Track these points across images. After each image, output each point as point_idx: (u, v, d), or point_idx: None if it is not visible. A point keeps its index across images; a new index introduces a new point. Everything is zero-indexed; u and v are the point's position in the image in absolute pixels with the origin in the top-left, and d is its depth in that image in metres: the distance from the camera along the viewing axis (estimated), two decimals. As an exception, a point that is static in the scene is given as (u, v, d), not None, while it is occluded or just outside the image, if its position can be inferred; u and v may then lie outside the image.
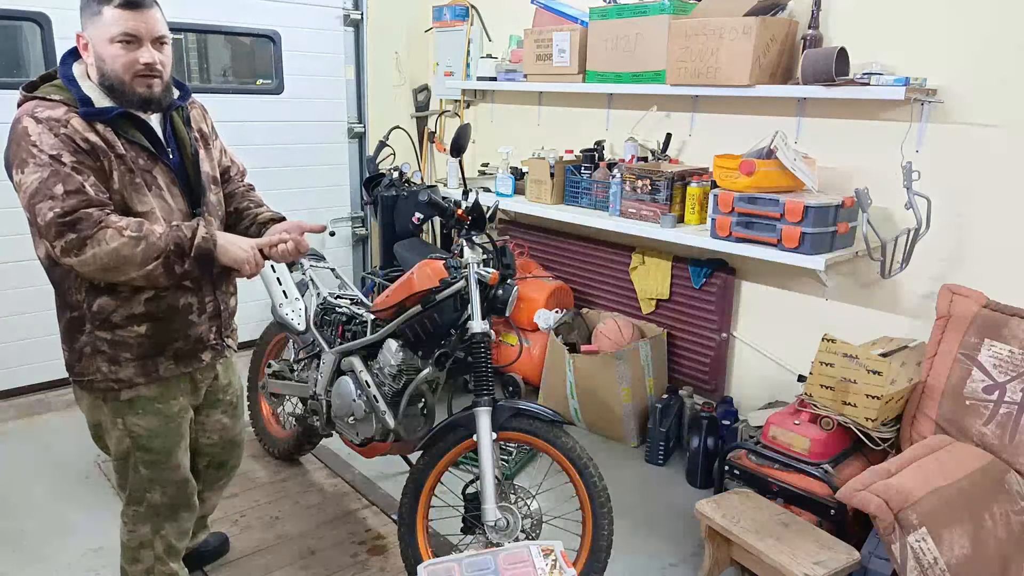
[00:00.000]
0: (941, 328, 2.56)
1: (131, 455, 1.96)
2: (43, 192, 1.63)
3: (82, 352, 1.84)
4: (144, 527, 2.05)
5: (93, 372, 1.85)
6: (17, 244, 3.68)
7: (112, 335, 1.82)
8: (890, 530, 2.00)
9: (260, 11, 4.27)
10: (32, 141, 1.65)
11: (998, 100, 2.56)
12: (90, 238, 1.64)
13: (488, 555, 1.99)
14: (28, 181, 1.65)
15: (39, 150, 1.65)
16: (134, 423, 1.92)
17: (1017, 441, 2.31)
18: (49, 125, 1.67)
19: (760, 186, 2.80)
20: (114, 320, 1.82)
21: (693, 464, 3.18)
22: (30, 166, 1.65)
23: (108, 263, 1.66)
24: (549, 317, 3.68)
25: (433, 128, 5.01)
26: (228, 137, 4.49)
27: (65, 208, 1.63)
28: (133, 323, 1.83)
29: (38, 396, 3.85)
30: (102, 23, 1.71)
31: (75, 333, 1.84)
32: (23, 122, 1.68)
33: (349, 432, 2.72)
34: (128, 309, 1.82)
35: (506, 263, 2.45)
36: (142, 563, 2.08)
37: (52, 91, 1.74)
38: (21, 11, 3.51)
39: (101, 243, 1.65)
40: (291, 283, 2.83)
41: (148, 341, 1.87)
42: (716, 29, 2.95)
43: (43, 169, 1.64)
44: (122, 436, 1.94)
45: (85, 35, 1.76)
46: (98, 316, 1.81)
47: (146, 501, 2.02)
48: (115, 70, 1.74)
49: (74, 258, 1.66)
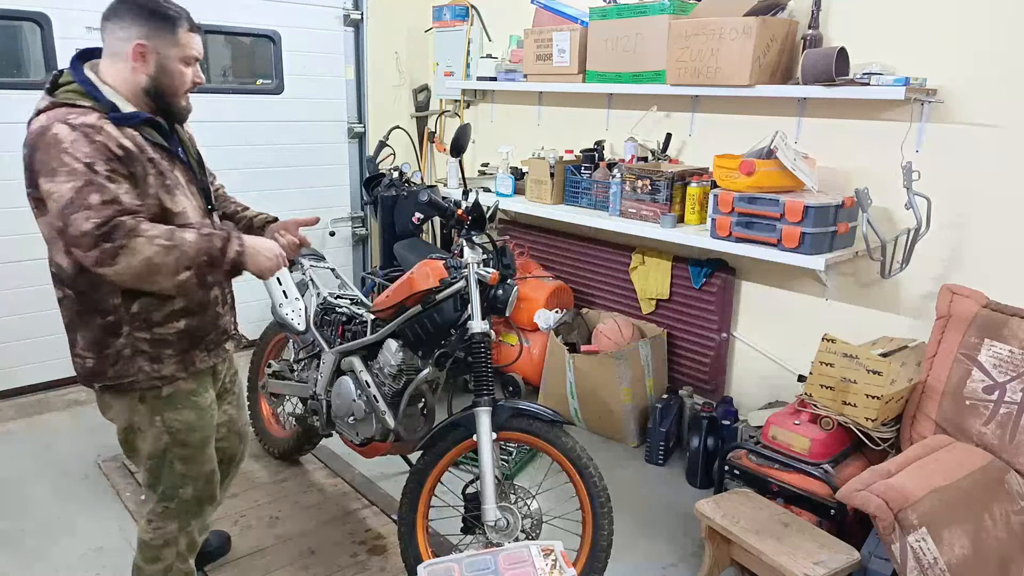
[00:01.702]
0: (941, 328, 2.56)
1: (168, 452, 1.96)
2: (78, 202, 1.62)
3: (119, 356, 1.84)
4: (172, 523, 2.05)
5: (135, 373, 1.85)
6: (17, 244, 3.68)
7: (151, 334, 1.84)
8: (890, 530, 2.00)
9: (260, 11, 4.27)
10: (65, 148, 1.63)
11: (998, 100, 2.56)
12: (123, 248, 1.64)
13: (488, 555, 1.99)
14: (61, 191, 1.62)
15: (73, 158, 1.63)
16: (173, 419, 1.93)
17: (1017, 441, 2.31)
18: (84, 132, 1.65)
19: (760, 186, 2.80)
20: (155, 319, 1.84)
21: (693, 464, 3.18)
22: (62, 175, 1.63)
23: (141, 272, 1.67)
24: (549, 317, 3.68)
25: (433, 128, 5.01)
26: (228, 137, 4.51)
27: (102, 218, 1.62)
28: (172, 319, 1.87)
29: (38, 396, 3.85)
30: (176, 43, 1.79)
31: (108, 338, 1.83)
32: (54, 129, 1.65)
33: (349, 432, 2.72)
34: (169, 306, 1.86)
35: (506, 263, 2.45)
36: (163, 561, 2.06)
37: (75, 97, 1.73)
38: (21, 11, 3.52)
39: (135, 252, 1.65)
40: (291, 283, 2.82)
41: (186, 336, 1.91)
42: (716, 29, 2.95)
43: (77, 178, 1.62)
44: (160, 433, 1.94)
45: (148, 47, 1.77)
46: (138, 317, 1.82)
47: (178, 497, 2.02)
48: (174, 85, 1.82)
49: (109, 268, 1.65)
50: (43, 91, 1.79)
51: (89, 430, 3.53)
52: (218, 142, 4.08)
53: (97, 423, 3.59)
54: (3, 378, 3.80)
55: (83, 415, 3.71)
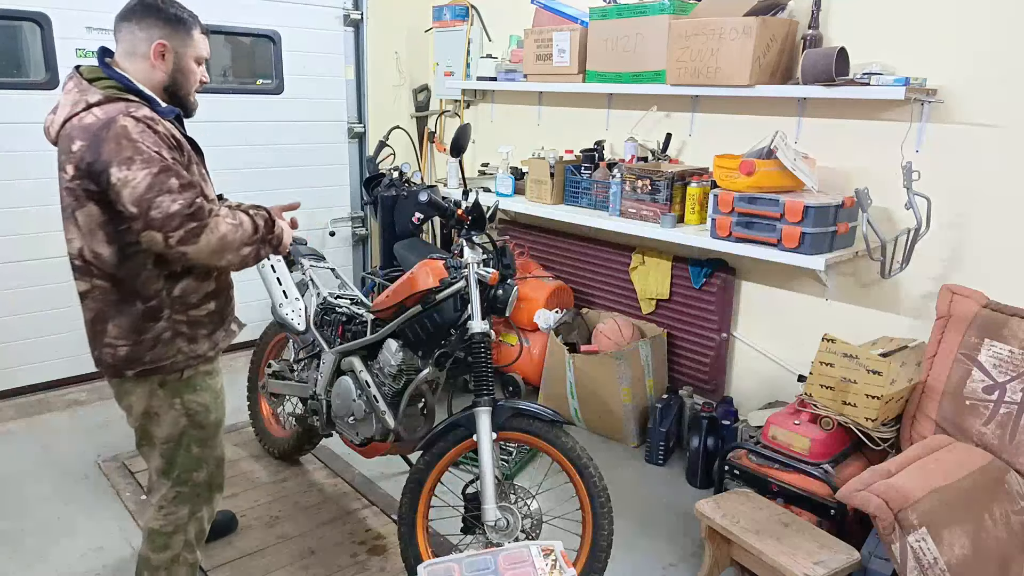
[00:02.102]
0: (941, 328, 2.56)
1: (185, 435, 2.03)
2: (159, 187, 1.71)
3: (158, 339, 1.91)
4: (184, 508, 2.09)
5: (174, 354, 1.94)
6: (17, 244, 3.68)
7: (187, 316, 1.95)
8: (890, 530, 2.00)
9: (260, 11, 4.27)
10: (135, 139, 1.73)
11: (998, 100, 2.56)
12: (206, 227, 1.76)
13: (488, 555, 1.99)
14: (138, 177, 1.71)
15: (145, 147, 1.73)
16: (191, 400, 2.01)
17: (1017, 441, 2.31)
18: (147, 123, 1.76)
19: (760, 186, 2.80)
20: (192, 301, 1.95)
21: (693, 464, 3.18)
22: (137, 163, 1.72)
23: (216, 248, 1.80)
24: (549, 317, 3.68)
25: (433, 128, 5.01)
26: (228, 137, 4.51)
27: (186, 200, 1.73)
28: (206, 301, 1.99)
29: (38, 396, 3.85)
30: (192, 43, 1.93)
31: (149, 323, 1.90)
32: (120, 120, 1.74)
33: (349, 432, 2.72)
34: (205, 287, 1.98)
35: (506, 263, 2.45)
36: (171, 550, 2.09)
37: (116, 91, 1.83)
38: (21, 11, 3.52)
39: (214, 230, 1.78)
40: (291, 283, 2.83)
41: (217, 316, 2.03)
42: (716, 29, 2.95)
43: (152, 165, 1.72)
44: (178, 416, 2.00)
45: (168, 47, 1.89)
46: (179, 300, 1.93)
47: (191, 481, 2.08)
48: (189, 82, 1.96)
49: (191, 246, 1.75)
50: (82, 84, 1.84)
51: (89, 430, 3.53)
52: (218, 142, 4.08)
53: (97, 423, 3.60)
54: (3, 378, 3.80)
55: (83, 415, 3.71)
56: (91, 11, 3.67)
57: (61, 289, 3.70)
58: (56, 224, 1.98)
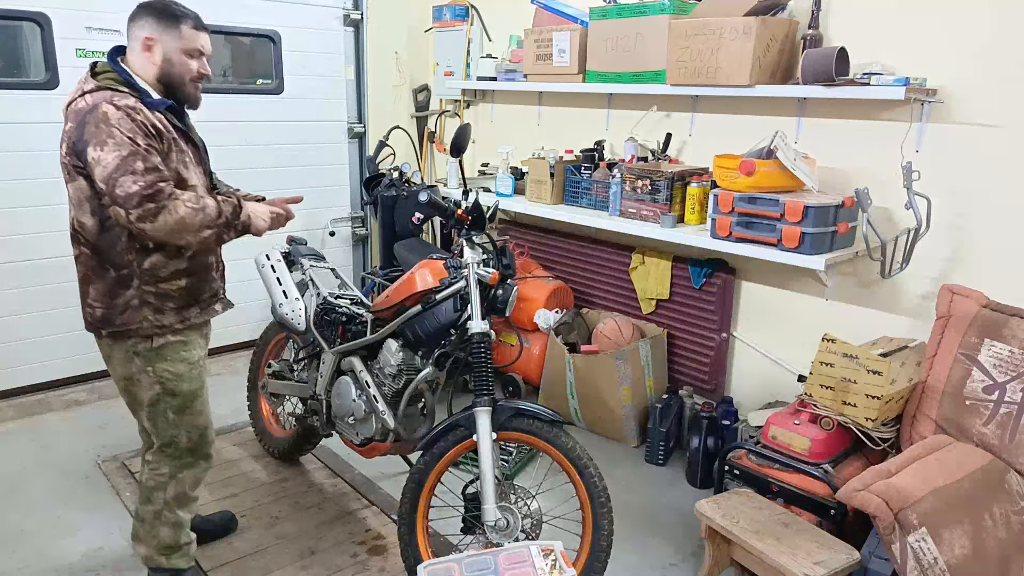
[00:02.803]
0: (941, 328, 2.56)
1: (160, 401, 2.21)
2: (124, 168, 1.91)
3: (127, 305, 2.10)
4: (165, 467, 2.30)
5: (139, 321, 2.12)
6: (17, 245, 3.68)
7: (157, 288, 2.12)
8: (890, 530, 2.00)
9: (260, 11, 4.26)
10: (112, 124, 1.92)
11: (998, 100, 2.56)
12: (164, 208, 1.94)
13: (488, 555, 1.99)
14: (108, 158, 1.91)
15: (120, 132, 1.92)
16: (163, 368, 2.18)
17: (1017, 441, 2.31)
18: (127, 112, 1.95)
19: (760, 186, 2.80)
20: (161, 275, 2.12)
21: (693, 464, 3.18)
22: (110, 145, 1.91)
23: (174, 228, 1.97)
24: (549, 317, 3.68)
25: (433, 128, 5.01)
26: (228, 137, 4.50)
27: (147, 182, 1.92)
28: (176, 277, 2.15)
29: (38, 396, 3.84)
30: (179, 37, 2.08)
31: (120, 289, 2.10)
32: (102, 107, 1.94)
33: (349, 432, 2.72)
34: (175, 265, 2.14)
35: (506, 263, 2.45)
36: (153, 504, 2.31)
37: (114, 83, 2.02)
38: (21, 11, 3.52)
39: (172, 212, 1.96)
40: (291, 283, 2.83)
41: (186, 292, 2.19)
42: (716, 29, 2.95)
43: (122, 148, 1.92)
44: (152, 383, 2.19)
45: (154, 40, 2.06)
46: (147, 273, 2.10)
47: (174, 443, 2.28)
48: (180, 74, 2.11)
49: (148, 224, 1.94)
50: (87, 76, 2.07)
51: (89, 430, 3.53)
52: (218, 142, 4.06)
53: (97, 423, 3.60)
54: (3, 378, 3.80)
55: (83, 415, 3.71)
56: (91, 11, 3.67)
57: (61, 289, 3.70)
58: (56, 225, 2.04)
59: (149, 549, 2.35)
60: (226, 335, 4.41)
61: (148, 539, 2.34)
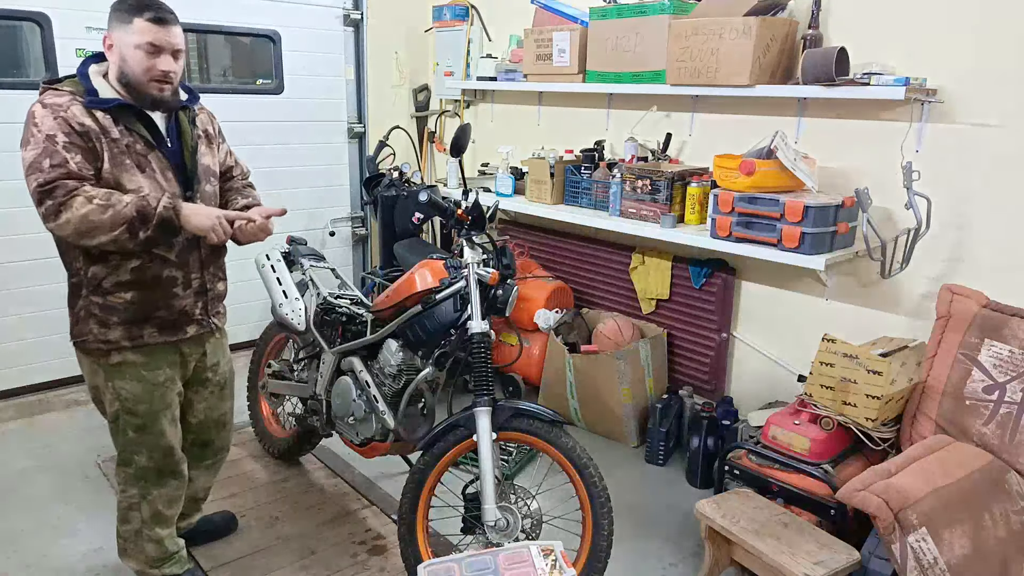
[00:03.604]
0: (941, 328, 2.56)
1: (119, 418, 2.14)
2: (35, 166, 1.86)
3: (79, 315, 2.06)
4: (133, 489, 2.23)
5: (87, 333, 2.05)
6: (17, 245, 3.68)
7: (103, 300, 2.02)
8: (890, 530, 2.00)
9: (260, 11, 4.26)
10: (35, 123, 1.89)
11: (998, 100, 2.56)
12: (63, 205, 1.84)
13: (488, 555, 1.99)
14: (27, 157, 1.88)
15: (39, 130, 1.88)
16: (121, 387, 2.11)
17: (1017, 441, 2.31)
18: (52, 110, 1.90)
19: (760, 186, 2.80)
20: (104, 286, 2.02)
21: (693, 464, 3.18)
22: (31, 144, 1.88)
23: (80, 227, 1.86)
24: (549, 317, 3.68)
25: (433, 128, 5.01)
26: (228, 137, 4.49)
27: (47, 179, 1.84)
28: (120, 289, 2.03)
29: (38, 396, 3.85)
30: (131, 31, 1.93)
31: (74, 298, 2.06)
32: (33, 107, 1.92)
33: (349, 432, 2.72)
34: (116, 276, 2.02)
35: (506, 263, 2.45)
36: (130, 524, 2.27)
37: (67, 84, 1.99)
38: (21, 11, 3.52)
39: (72, 209, 1.84)
40: (291, 283, 2.83)
41: (133, 307, 2.05)
42: (716, 29, 2.95)
43: (38, 147, 1.87)
44: (112, 399, 2.13)
45: (112, 37, 1.97)
46: (92, 282, 2.01)
47: (134, 463, 2.20)
48: (135, 72, 1.96)
49: (52, 223, 1.87)
50: (41, 83, 2.04)
51: (89, 430, 3.53)
52: (218, 142, 4.08)
53: (97, 423, 3.59)
54: (3, 378, 3.80)
55: (83, 415, 3.71)
56: (91, 11, 3.66)
57: (61, 289, 3.68)
58: None
59: (140, 564, 2.32)
60: (226, 335, 4.41)
61: (136, 554, 2.30)
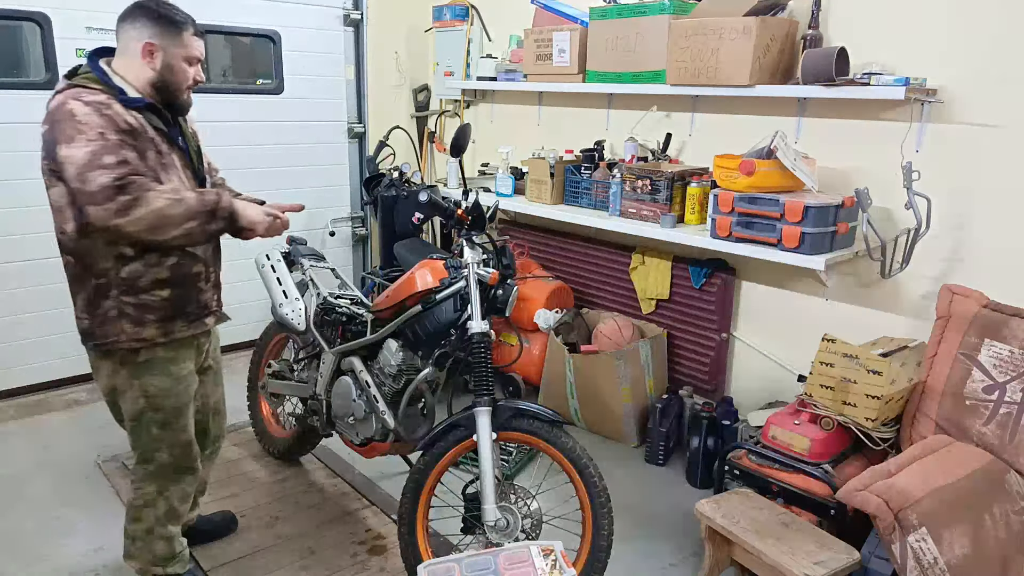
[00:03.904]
0: (941, 328, 2.56)
1: (143, 415, 2.14)
2: (94, 163, 1.83)
3: (106, 316, 2.03)
4: (151, 486, 2.24)
5: (117, 334, 2.04)
6: (17, 245, 3.68)
7: (136, 299, 2.04)
8: (890, 530, 2.00)
9: (260, 11, 4.26)
10: (80, 120, 1.86)
11: (998, 100, 2.56)
12: (138, 199, 1.86)
13: (488, 555, 1.99)
14: (78, 154, 1.83)
15: (88, 127, 1.86)
16: (149, 383, 2.11)
17: (1017, 441, 2.31)
18: (95, 107, 1.89)
19: (760, 186, 2.80)
20: (141, 284, 2.04)
21: (693, 464, 3.18)
22: (79, 141, 1.84)
23: (155, 222, 1.89)
24: (549, 317, 3.68)
25: (433, 128, 5.01)
26: (228, 137, 4.50)
27: (117, 174, 1.84)
28: (158, 287, 2.06)
29: (38, 396, 3.85)
30: (181, 43, 2.04)
31: (99, 300, 2.03)
32: (68, 104, 1.88)
33: (349, 432, 2.72)
34: (154, 274, 2.05)
35: (506, 263, 2.45)
36: (143, 522, 2.26)
37: (88, 82, 1.96)
38: (21, 11, 3.52)
39: (148, 203, 1.87)
40: (291, 283, 2.83)
41: (169, 304, 2.10)
42: (716, 29, 2.95)
43: (93, 143, 1.84)
44: (137, 397, 2.12)
45: (157, 46, 2.01)
46: (126, 282, 2.02)
47: (155, 461, 2.21)
48: (178, 80, 2.06)
49: (124, 218, 1.85)
50: (63, 79, 2.00)
51: (89, 430, 3.53)
52: (218, 142, 4.07)
53: (97, 423, 3.60)
54: (3, 378, 3.80)
55: (83, 415, 3.71)
56: (91, 11, 3.67)
57: (61, 289, 3.64)
58: None
59: (144, 563, 2.31)
60: (226, 335, 4.35)
61: (142, 555, 2.30)
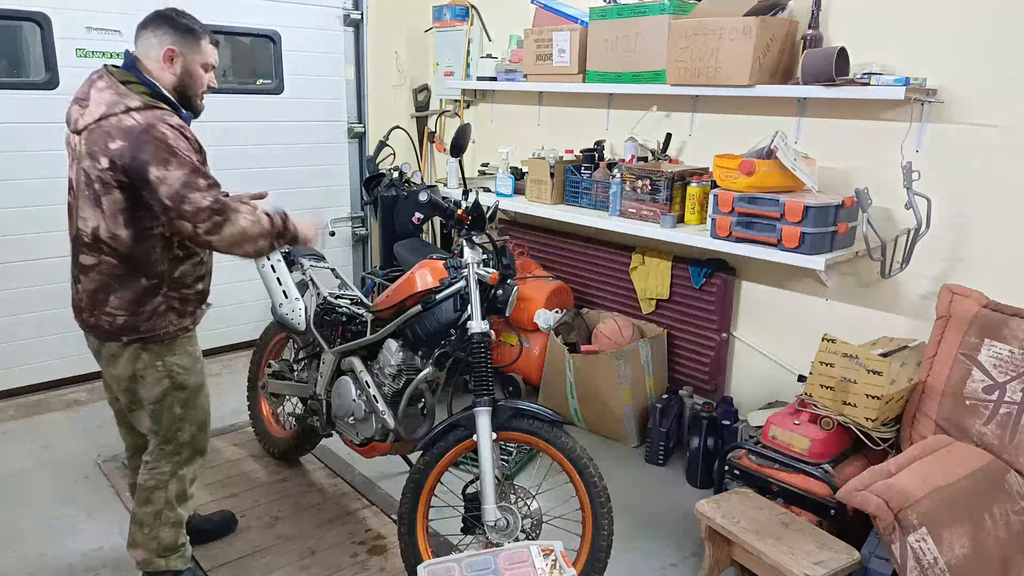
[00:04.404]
0: (941, 328, 2.56)
1: (168, 395, 2.26)
2: (191, 185, 1.99)
3: (155, 312, 2.17)
4: (166, 465, 2.32)
5: (165, 326, 2.20)
6: (17, 245, 3.68)
7: (179, 294, 2.22)
8: (890, 530, 2.00)
9: (260, 11, 4.26)
10: (171, 144, 2.00)
11: (998, 100, 2.56)
12: (228, 220, 2.05)
13: (488, 555, 1.99)
14: (173, 177, 1.98)
15: (179, 150, 2.00)
16: (172, 362, 2.24)
17: (1017, 441, 2.31)
18: (180, 130, 2.04)
19: (760, 186, 2.80)
20: (186, 281, 2.23)
21: (693, 464, 3.18)
22: (173, 164, 1.98)
23: (238, 239, 2.08)
24: (549, 317, 3.68)
25: (433, 128, 5.00)
26: (228, 137, 4.51)
27: (213, 196, 2.02)
28: (197, 282, 2.27)
29: (38, 396, 3.85)
30: (201, 51, 2.17)
31: (148, 297, 2.16)
32: (159, 128, 2.00)
33: (349, 432, 2.72)
34: (196, 271, 2.26)
35: (506, 263, 2.45)
36: (153, 504, 2.31)
37: (151, 99, 2.07)
38: (21, 11, 3.52)
39: (236, 224, 2.06)
40: (291, 283, 2.83)
41: (200, 295, 2.31)
42: (716, 29, 2.95)
43: (185, 167, 1.99)
44: (161, 378, 2.23)
45: (177, 52, 2.13)
46: (177, 280, 2.20)
47: (175, 439, 2.31)
48: (195, 85, 2.19)
49: (215, 236, 2.04)
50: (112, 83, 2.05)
51: (89, 430, 3.53)
52: (218, 142, 4.08)
53: (97, 423, 3.60)
54: (3, 378, 3.80)
55: (83, 415, 3.71)
56: (91, 11, 3.67)
57: (61, 289, 3.66)
58: (56, 225, 2.03)
59: (148, 552, 2.34)
60: (226, 335, 4.41)
61: (147, 542, 2.33)
